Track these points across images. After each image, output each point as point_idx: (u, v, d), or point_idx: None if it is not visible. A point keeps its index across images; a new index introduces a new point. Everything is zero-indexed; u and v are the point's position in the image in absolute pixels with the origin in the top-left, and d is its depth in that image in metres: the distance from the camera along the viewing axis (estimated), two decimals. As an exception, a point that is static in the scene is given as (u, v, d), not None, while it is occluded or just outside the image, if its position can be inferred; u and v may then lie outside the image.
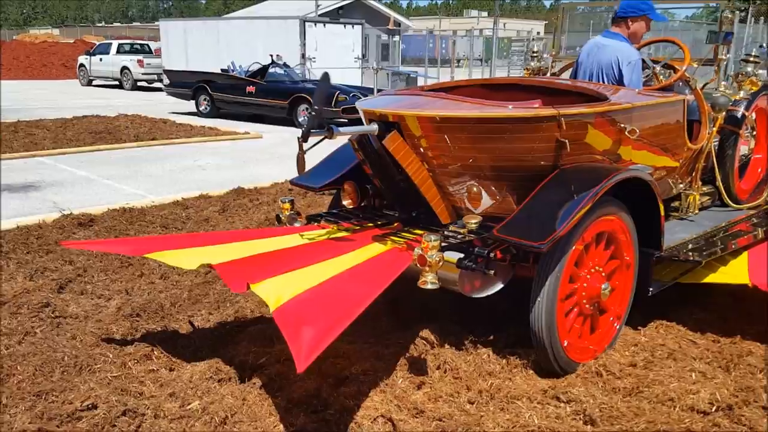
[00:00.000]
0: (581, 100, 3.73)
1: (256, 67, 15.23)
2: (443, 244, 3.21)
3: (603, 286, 3.40)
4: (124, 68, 25.20)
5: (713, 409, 3.01)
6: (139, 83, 25.15)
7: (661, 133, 3.85)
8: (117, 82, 25.95)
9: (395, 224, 3.74)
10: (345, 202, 3.96)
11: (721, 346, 3.67)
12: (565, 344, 3.30)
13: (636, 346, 3.65)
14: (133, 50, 26.49)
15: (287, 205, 3.76)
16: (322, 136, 3.17)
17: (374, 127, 3.33)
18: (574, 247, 3.21)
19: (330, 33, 19.49)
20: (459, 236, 3.40)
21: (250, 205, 6.77)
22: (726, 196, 4.65)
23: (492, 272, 3.18)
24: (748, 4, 28.26)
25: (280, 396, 3.06)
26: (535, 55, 5.40)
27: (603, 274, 3.46)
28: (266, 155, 10.54)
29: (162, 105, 18.27)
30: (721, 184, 4.61)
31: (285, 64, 15.35)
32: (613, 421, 2.90)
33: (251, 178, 8.29)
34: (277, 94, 14.07)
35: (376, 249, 3.34)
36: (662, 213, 3.58)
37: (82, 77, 27.41)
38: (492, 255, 3.21)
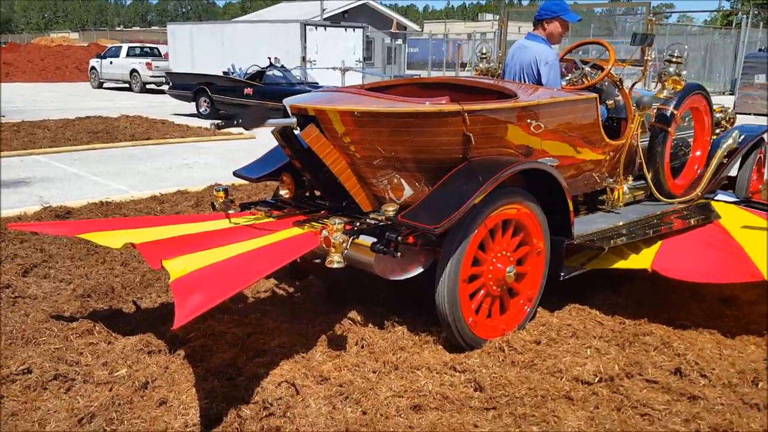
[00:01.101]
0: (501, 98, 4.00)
1: (254, 69, 15.60)
2: (356, 228, 3.50)
3: (508, 269, 3.65)
4: (133, 71, 25.75)
5: (596, 380, 3.26)
6: (147, 86, 25.68)
7: (573, 128, 4.09)
8: (126, 85, 26.52)
9: (322, 212, 4.03)
10: (282, 192, 4.26)
11: (625, 327, 3.90)
12: (470, 321, 3.56)
13: (545, 325, 3.90)
14: (142, 53, 27.01)
15: (221, 194, 4.04)
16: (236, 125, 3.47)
17: (293, 120, 3.63)
18: (476, 232, 3.48)
19: (331, 36, 19.85)
20: (379, 223, 3.68)
21: (224, 200, 7.06)
22: (655, 191, 4.88)
23: (399, 255, 3.45)
24: (758, 8, 28.27)
25: (200, 366, 3.35)
26: (483, 56, 5.68)
27: (510, 258, 3.72)
28: (255, 155, 10.78)
29: (166, 107, 18.69)
30: (650, 180, 4.84)
31: (283, 67, 15.70)
32: (500, 388, 3.15)
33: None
34: (274, 96, 14.38)
35: (290, 232, 3.63)
36: (570, 203, 3.84)
37: (94, 80, 28.03)
38: (401, 239, 3.48)
